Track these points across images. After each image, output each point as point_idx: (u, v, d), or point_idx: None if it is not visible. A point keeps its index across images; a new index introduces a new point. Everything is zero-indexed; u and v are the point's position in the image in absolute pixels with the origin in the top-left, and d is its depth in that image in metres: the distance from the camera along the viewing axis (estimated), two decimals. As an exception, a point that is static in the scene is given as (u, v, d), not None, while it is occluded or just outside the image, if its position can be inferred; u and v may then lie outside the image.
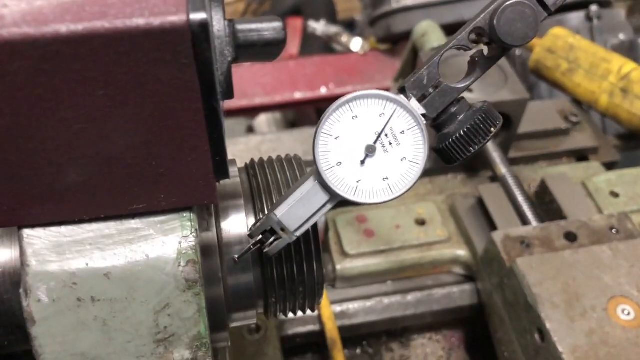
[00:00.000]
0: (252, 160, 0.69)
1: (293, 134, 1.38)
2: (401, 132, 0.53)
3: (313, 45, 2.21)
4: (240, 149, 1.33)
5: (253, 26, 0.47)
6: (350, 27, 2.70)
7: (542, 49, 1.42)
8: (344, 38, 2.01)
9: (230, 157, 0.64)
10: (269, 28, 0.47)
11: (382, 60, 1.99)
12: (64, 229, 0.51)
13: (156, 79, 0.42)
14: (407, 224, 1.14)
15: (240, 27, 0.47)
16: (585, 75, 1.36)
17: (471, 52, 0.54)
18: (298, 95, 1.92)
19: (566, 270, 0.94)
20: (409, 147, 0.53)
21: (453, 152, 0.54)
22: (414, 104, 0.53)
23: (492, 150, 1.19)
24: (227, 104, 1.93)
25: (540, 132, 1.35)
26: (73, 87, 0.42)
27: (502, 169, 1.16)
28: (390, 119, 0.52)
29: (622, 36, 1.66)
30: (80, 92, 0.42)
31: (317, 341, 1.08)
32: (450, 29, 1.06)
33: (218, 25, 0.45)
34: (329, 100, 1.95)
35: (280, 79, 1.96)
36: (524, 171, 1.30)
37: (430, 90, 0.54)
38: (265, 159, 0.71)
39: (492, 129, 0.52)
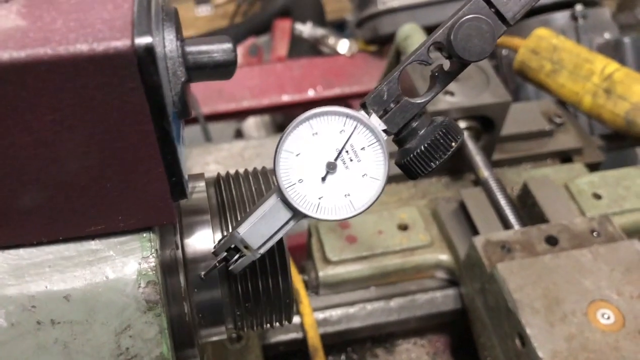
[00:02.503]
0: (220, 175, 0.69)
1: (277, 139, 1.38)
2: (362, 149, 0.53)
3: (301, 48, 2.20)
4: (224, 155, 1.32)
5: (203, 48, 0.46)
6: (341, 27, 2.70)
7: (526, 50, 1.42)
8: (331, 40, 2.00)
9: (213, 163, 0.65)
10: (218, 50, 0.46)
11: (370, 62, 1.98)
12: (22, 252, 0.50)
13: (104, 104, 0.42)
14: (390, 229, 1.14)
15: (189, 49, 0.46)
16: (569, 76, 1.35)
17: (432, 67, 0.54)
18: (286, 98, 1.92)
19: (547, 275, 0.93)
20: (369, 163, 0.53)
21: (414, 167, 0.53)
22: (374, 120, 0.53)
23: (475, 153, 1.19)
24: (215, 108, 1.94)
25: (524, 134, 1.34)
26: (20, 113, 0.41)
27: (485, 173, 1.16)
28: (350, 135, 0.52)
29: (607, 35, 1.66)
30: (28, 118, 0.42)
31: (300, 348, 1.08)
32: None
33: (170, 45, 0.45)
34: (317, 102, 1.96)
35: (267, 81, 1.96)
36: (507, 173, 1.30)
37: (392, 105, 0.53)
38: (249, 165, 0.70)
39: (453, 144, 0.52)
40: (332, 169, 0.53)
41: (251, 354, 1.00)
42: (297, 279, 1.10)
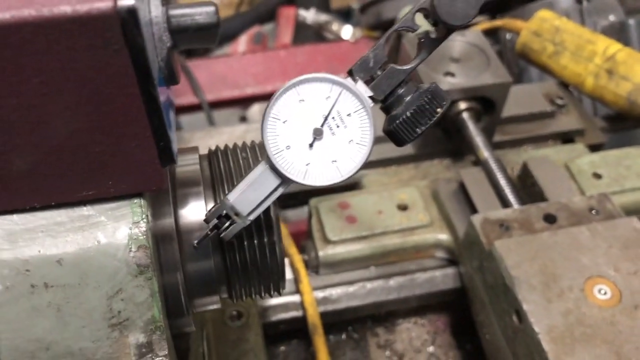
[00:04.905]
0: (215, 148, 0.70)
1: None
2: (348, 115, 0.53)
3: (305, 35, 2.20)
4: (225, 138, 1.34)
5: (186, 11, 0.47)
6: (347, 15, 2.69)
7: (528, 32, 1.42)
8: (335, 26, 2.00)
9: (215, 146, 0.66)
10: (201, 12, 0.47)
11: (373, 48, 1.98)
12: (16, 217, 0.52)
13: (89, 66, 0.43)
14: (389, 209, 1.15)
15: (173, 12, 0.47)
16: (571, 57, 1.35)
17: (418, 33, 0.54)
18: (290, 85, 1.92)
19: (544, 252, 0.94)
20: (355, 129, 0.54)
21: (401, 133, 0.54)
22: (360, 86, 0.53)
23: (475, 134, 1.19)
24: (219, 95, 1.95)
25: (526, 115, 1.34)
26: (7, 76, 0.42)
27: (485, 153, 1.16)
28: (336, 101, 0.53)
29: (612, 17, 1.65)
30: (15, 80, 0.43)
31: (301, 327, 1.09)
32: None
33: (155, 11, 0.46)
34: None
35: (271, 68, 1.96)
36: (508, 155, 1.30)
37: (378, 72, 0.54)
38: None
39: (439, 110, 0.53)
40: (319, 135, 0.54)
41: (251, 332, 1.01)
42: (297, 259, 1.11)
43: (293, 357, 1.14)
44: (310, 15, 2.04)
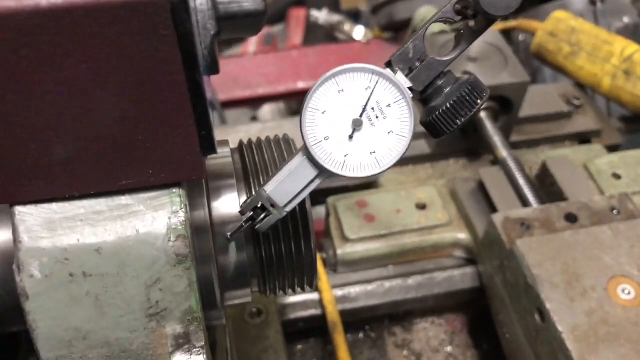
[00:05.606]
0: (245, 141, 0.70)
1: (294, 121, 1.39)
2: (387, 106, 0.53)
3: (316, 35, 2.21)
4: (242, 136, 1.33)
5: (233, -2, 0.47)
6: (355, 17, 2.70)
7: (544, 33, 1.42)
8: (347, 27, 2.00)
9: (231, 144, 0.67)
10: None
11: (385, 48, 1.98)
12: (55, 206, 0.51)
13: (138, 52, 0.43)
14: (408, 208, 1.15)
15: (220, -1, 0.47)
16: (588, 58, 1.35)
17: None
18: (301, 85, 1.92)
19: (566, 251, 0.93)
20: (395, 120, 0.53)
21: (440, 124, 0.54)
22: (400, 77, 0.53)
23: (493, 133, 1.19)
24: (231, 95, 1.95)
25: (543, 116, 1.34)
26: (56, 61, 0.42)
27: (503, 153, 1.16)
28: (375, 92, 0.53)
29: (626, 19, 1.65)
30: (63, 66, 0.43)
31: (319, 325, 1.09)
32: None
33: (200, -1, 0.46)
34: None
35: (283, 68, 1.96)
36: (526, 155, 1.30)
37: (417, 63, 0.54)
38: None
39: (479, 101, 0.52)
40: (358, 126, 0.53)
41: (271, 329, 1.01)
42: (315, 257, 1.11)
43: (311, 356, 1.13)
44: (322, 16, 2.05)
